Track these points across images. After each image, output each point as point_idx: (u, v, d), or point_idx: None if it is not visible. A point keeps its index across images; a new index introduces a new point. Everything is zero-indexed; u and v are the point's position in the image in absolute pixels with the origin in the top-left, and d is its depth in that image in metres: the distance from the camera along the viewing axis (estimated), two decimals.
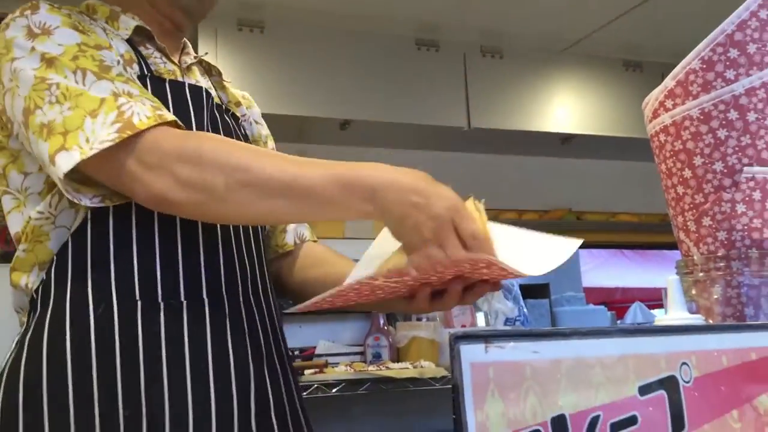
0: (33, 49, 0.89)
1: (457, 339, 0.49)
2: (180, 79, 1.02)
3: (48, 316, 0.90)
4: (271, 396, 0.94)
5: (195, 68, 1.09)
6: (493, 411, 0.48)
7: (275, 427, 0.93)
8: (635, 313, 6.12)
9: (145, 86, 0.94)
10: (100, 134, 0.83)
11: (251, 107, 1.20)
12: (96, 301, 0.88)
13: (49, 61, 0.88)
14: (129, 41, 0.99)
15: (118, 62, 0.92)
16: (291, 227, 1.17)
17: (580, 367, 0.52)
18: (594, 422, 0.52)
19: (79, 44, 0.90)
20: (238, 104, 1.16)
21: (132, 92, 0.87)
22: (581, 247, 0.88)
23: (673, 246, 0.81)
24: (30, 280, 0.93)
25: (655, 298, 6.47)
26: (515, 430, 0.48)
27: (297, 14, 2.70)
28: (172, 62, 1.04)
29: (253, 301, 0.98)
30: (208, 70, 1.13)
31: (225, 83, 1.15)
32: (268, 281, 1.04)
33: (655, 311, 6.26)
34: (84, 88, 0.86)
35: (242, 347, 0.93)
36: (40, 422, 0.84)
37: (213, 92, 1.08)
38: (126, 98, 0.86)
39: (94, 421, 0.84)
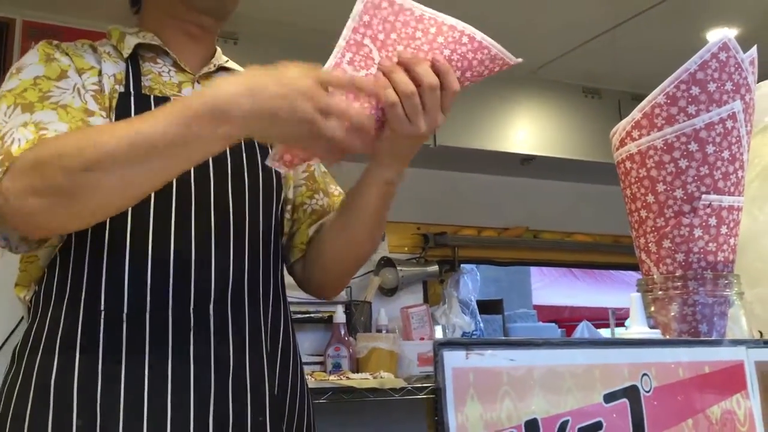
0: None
1: (441, 345, 0.52)
2: (184, 90, 1.03)
3: (34, 328, 0.95)
4: (231, 412, 0.93)
5: (215, 76, 1.08)
6: (472, 413, 0.51)
7: None
8: (582, 332, 6.24)
9: (127, 104, 0.96)
10: None
11: None
12: (67, 313, 0.92)
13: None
14: (135, 58, 1.02)
15: (76, 88, 0.94)
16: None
17: (551, 375, 0.55)
18: (563, 426, 0.55)
19: (35, 78, 0.93)
20: None
21: (48, 120, 0.88)
22: (536, 264, 0.90)
23: (623, 266, 0.86)
24: (26, 293, 0.98)
25: (601, 318, 6.58)
26: None
27: (270, 27, 2.72)
28: (185, 72, 1.05)
29: (230, 314, 0.95)
30: None
31: None
32: (263, 289, 1.00)
33: (602, 330, 6.39)
34: None
35: (205, 363, 0.92)
36: (4, 422, 0.89)
37: None
38: (20, 130, 0.86)
39: (47, 428, 0.87)
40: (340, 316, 2.69)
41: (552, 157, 3.27)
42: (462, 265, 3.34)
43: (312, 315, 2.81)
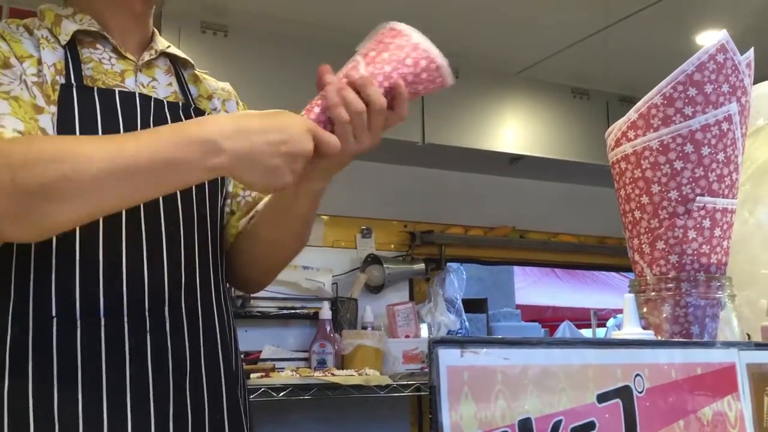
0: None
1: (436, 343, 0.51)
2: (127, 80, 1.00)
3: None
4: (189, 413, 0.93)
5: (157, 63, 1.06)
6: (467, 412, 0.50)
7: None
8: (564, 332, 6.29)
9: (70, 96, 0.93)
10: None
11: (228, 100, 1.15)
12: (14, 319, 0.88)
13: None
14: (72, 44, 0.97)
15: (22, 78, 0.91)
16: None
17: (545, 375, 0.55)
18: (557, 426, 0.55)
19: None
20: (210, 98, 1.12)
21: (1, 111, 0.85)
22: (522, 264, 0.91)
23: (607, 267, 0.86)
24: None
25: (582, 318, 6.64)
26: (486, 431, 0.51)
27: (260, 21, 2.71)
28: (127, 59, 1.01)
29: (184, 313, 0.95)
30: (178, 62, 1.09)
31: (200, 75, 1.12)
32: (214, 288, 1.00)
33: (583, 330, 6.45)
34: None
35: (163, 365, 0.91)
36: None
37: (172, 89, 1.05)
38: None
39: None
40: (325, 312, 2.69)
41: (540, 157, 3.28)
42: (448, 264, 3.34)
43: (297, 311, 2.80)
